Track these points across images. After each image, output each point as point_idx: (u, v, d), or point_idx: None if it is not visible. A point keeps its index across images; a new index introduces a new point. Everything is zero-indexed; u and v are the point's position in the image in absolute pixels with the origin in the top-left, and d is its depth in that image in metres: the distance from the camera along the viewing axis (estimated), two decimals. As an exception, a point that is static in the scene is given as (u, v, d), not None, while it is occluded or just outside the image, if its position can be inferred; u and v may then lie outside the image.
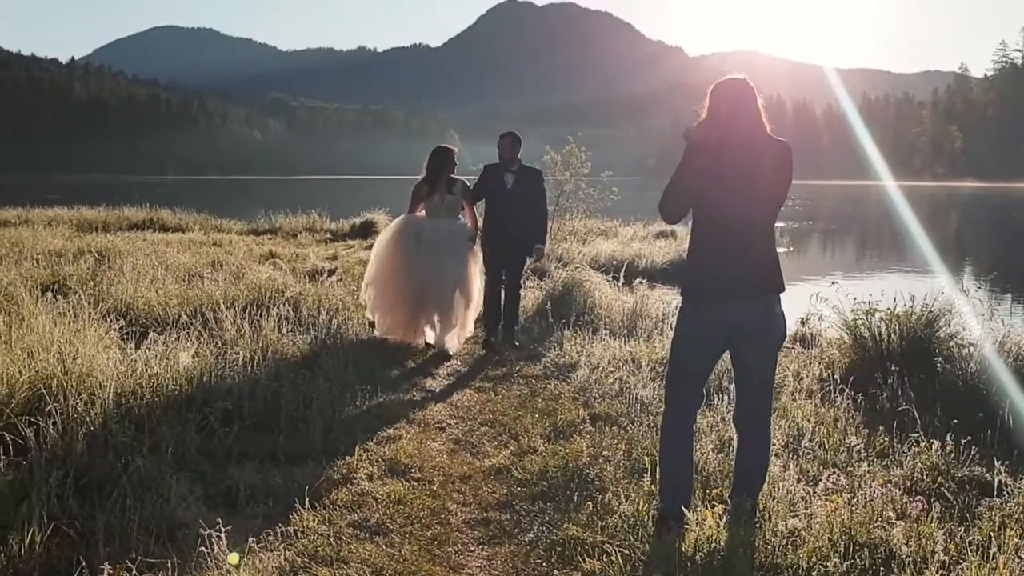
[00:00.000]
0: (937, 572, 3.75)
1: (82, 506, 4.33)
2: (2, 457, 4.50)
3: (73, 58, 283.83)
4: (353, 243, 21.75)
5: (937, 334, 7.49)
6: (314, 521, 4.50)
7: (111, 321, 7.40)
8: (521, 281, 9.76)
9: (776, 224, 4.50)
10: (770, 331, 4.40)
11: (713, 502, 4.49)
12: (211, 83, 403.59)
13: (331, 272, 13.06)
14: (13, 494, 4.29)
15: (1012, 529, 4.19)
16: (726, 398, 6.25)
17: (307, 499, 4.69)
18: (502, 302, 9.43)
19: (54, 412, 5.05)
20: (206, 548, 3.85)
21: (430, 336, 9.04)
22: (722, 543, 3.96)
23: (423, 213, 9.09)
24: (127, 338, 7.18)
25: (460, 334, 9.11)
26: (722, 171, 4.25)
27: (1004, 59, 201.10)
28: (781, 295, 4.43)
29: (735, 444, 4.65)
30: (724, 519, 4.16)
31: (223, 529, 3.87)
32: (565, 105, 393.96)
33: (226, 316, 8.07)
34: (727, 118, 4.30)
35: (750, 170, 4.25)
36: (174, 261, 13.42)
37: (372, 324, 9.11)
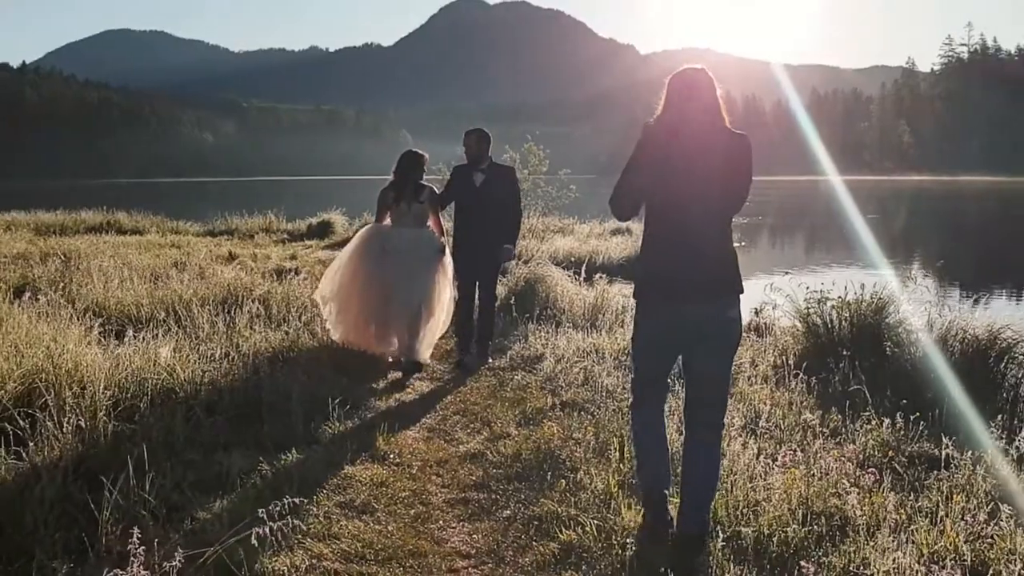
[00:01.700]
0: (889, 535, 4.06)
1: (82, 492, 4.54)
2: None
3: (24, 62, 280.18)
4: (311, 243, 21.89)
5: (886, 320, 7.85)
6: (304, 502, 4.74)
7: (89, 320, 7.58)
8: (496, 291, 9.05)
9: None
10: (726, 335, 4.24)
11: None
12: (163, 85, 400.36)
13: (296, 271, 13.22)
14: (17, 480, 4.50)
15: (958, 496, 4.54)
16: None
17: (295, 482, 4.93)
18: (475, 316, 8.83)
19: (49, 404, 5.27)
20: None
21: (397, 350, 8.41)
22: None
23: (389, 222, 8.57)
24: (106, 336, 7.36)
25: (430, 346, 8.58)
26: (674, 165, 4.09)
27: (950, 54, 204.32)
28: (740, 296, 4.29)
29: (683, 451, 4.47)
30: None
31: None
32: (519, 104, 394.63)
33: (199, 314, 8.29)
34: (680, 110, 4.13)
35: (704, 164, 4.07)
36: (138, 262, 13.52)
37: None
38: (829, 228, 37.75)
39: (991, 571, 3.54)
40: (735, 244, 4.36)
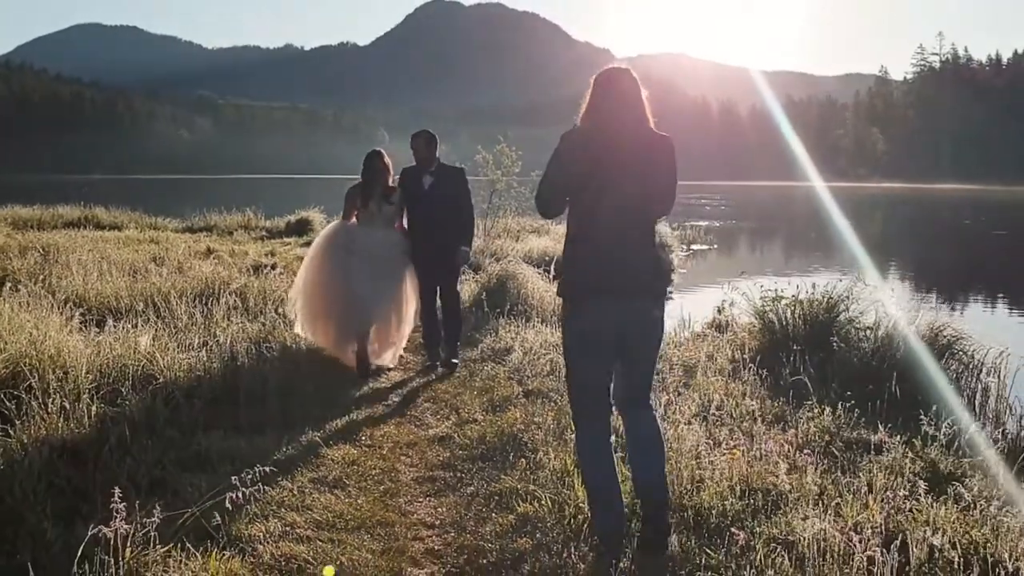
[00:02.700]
0: (816, 508, 4.44)
1: (68, 468, 4.85)
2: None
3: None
4: (289, 240, 22.10)
5: (837, 319, 8.25)
6: (278, 476, 5.06)
7: (70, 310, 7.87)
8: (458, 292, 8.97)
9: (668, 224, 4.43)
10: (650, 335, 4.27)
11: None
12: (136, 81, 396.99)
13: (274, 267, 13.51)
14: (5, 455, 4.79)
15: (884, 475, 4.94)
16: (664, 397, 6.42)
17: (270, 460, 5.25)
18: (439, 319, 8.71)
19: (34, 386, 5.57)
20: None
21: (360, 354, 8.12)
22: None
23: (356, 221, 8.45)
24: (86, 325, 7.65)
25: (396, 351, 8.54)
26: (596, 164, 4.08)
27: (923, 63, 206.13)
28: (663, 299, 4.32)
29: (624, 434, 4.52)
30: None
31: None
32: (496, 105, 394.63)
33: (177, 305, 8.59)
34: (604, 110, 4.14)
35: (627, 164, 4.08)
36: (117, 256, 13.74)
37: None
38: (802, 232, 38.33)
39: (903, 538, 3.89)
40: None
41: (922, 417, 5.72)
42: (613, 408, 4.38)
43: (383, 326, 8.29)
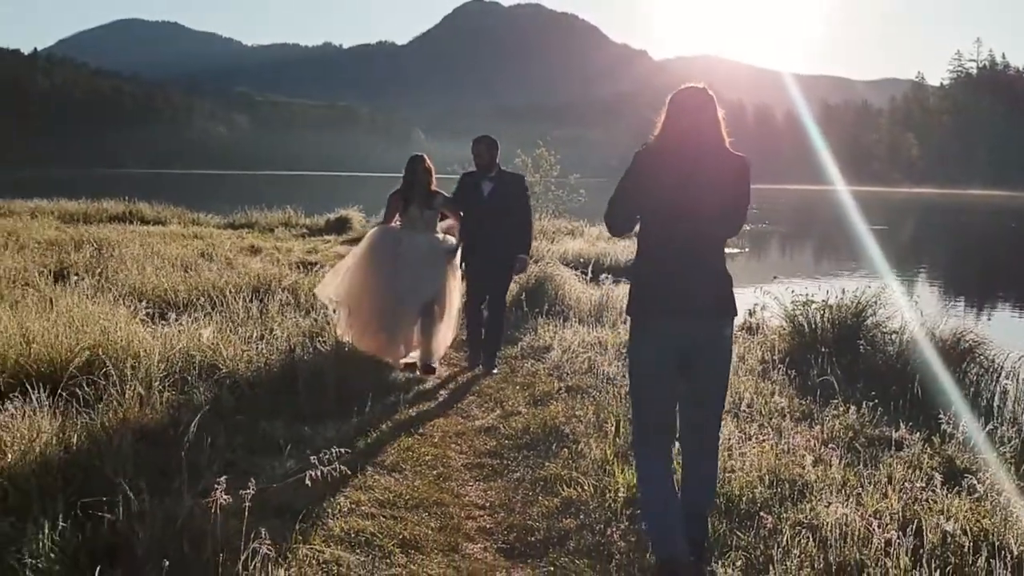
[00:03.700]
0: (839, 496, 4.81)
1: (147, 448, 5.29)
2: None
3: (35, 49, 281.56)
4: (329, 238, 22.62)
5: (865, 322, 8.59)
6: (341, 461, 5.48)
7: (134, 303, 8.36)
8: (506, 301, 9.08)
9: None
10: (719, 357, 4.20)
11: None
12: (175, 77, 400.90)
13: (320, 264, 13.99)
14: (92, 437, 5.23)
15: (902, 468, 5.31)
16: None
17: (333, 445, 5.67)
18: (483, 325, 8.70)
19: (111, 374, 6.03)
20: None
21: (411, 356, 8.48)
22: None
23: (398, 224, 8.56)
24: (149, 317, 8.12)
25: (440, 351, 8.64)
26: (672, 184, 4.03)
27: (959, 69, 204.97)
28: (734, 318, 4.27)
29: (681, 467, 4.46)
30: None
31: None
32: (533, 105, 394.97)
33: (233, 300, 9.04)
34: (681, 129, 4.09)
35: (702, 185, 4.01)
36: (166, 251, 14.28)
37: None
38: (833, 237, 38.46)
39: (918, 524, 4.26)
40: (739, 250, 4.72)
41: (941, 416, 6.05)
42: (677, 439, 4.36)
43: (431, 324, 8.37)
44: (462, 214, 8.56)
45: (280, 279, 11.02)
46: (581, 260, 15.24)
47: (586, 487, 5.13)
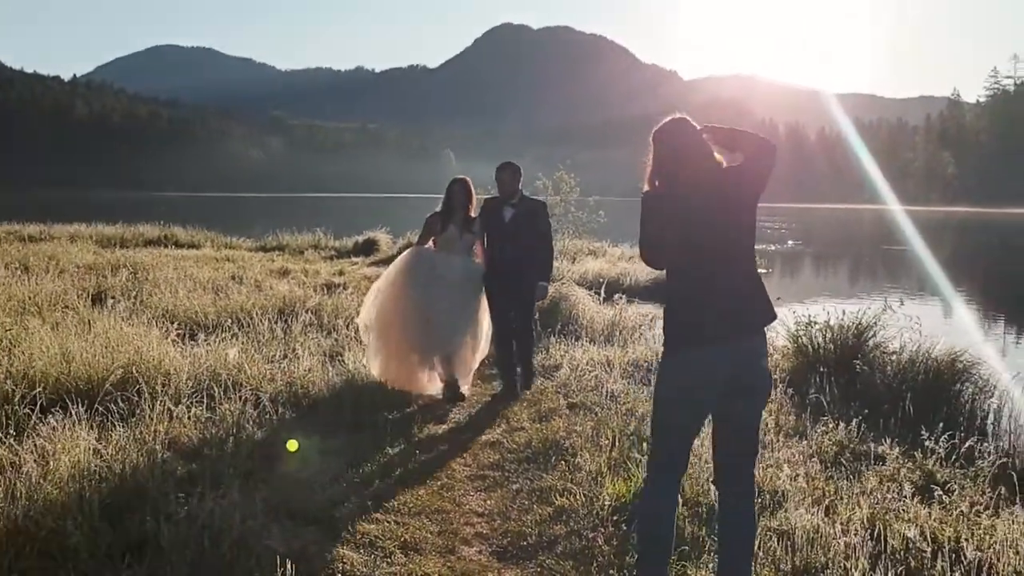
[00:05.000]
0: (814, 506, 5.15)
1: (176, 458, 5.71)
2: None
3: (75, 75, 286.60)
4: (357, 260, 23.13)
5: (866, 343, 8.90)
6: (350, 470, 5.91)
7: (166, 325, 8.86)
8: (533, 323, 9.12)
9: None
10: (760, 378, 4.07)
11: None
12: (210, 101, 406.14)
13: (344, 286, 14.45)
14: (125, 448, 5.67)
15: (876, 480, 5.66)
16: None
17: (345, 457, 6.10)
18: (513, 347, 8.74)
19: (144, 391, 6.49)
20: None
21: (435, 387, 8.39)
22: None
23: (431, 246, 8.51)
24: (180, 338, 8.59)
25: (470, 378, 8.64)
26: (681, 221, 4.01)
27: (996, 86, 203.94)
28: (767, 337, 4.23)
29: (717, 510, 4.35)
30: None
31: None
32: (562, 127, 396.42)
33: (259, 321, 9.50)
34: (671, 165, 4.11)
35: (711, 211, 4.01)
36: (198, 275, 14.78)
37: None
38: (865, 257, 38.54)
39: (882, 531, 4.61)
40: (762, 271, 4.65)
41: (923, 432, 6.36)
42: (714, 481, 4.34)
43: (461, 352, 8.38)
44: (486, 237, 8.58)
45: (304, 301, 11.49)
46: (601, 280, 15.57)
47: (578, 496, 5.50)
